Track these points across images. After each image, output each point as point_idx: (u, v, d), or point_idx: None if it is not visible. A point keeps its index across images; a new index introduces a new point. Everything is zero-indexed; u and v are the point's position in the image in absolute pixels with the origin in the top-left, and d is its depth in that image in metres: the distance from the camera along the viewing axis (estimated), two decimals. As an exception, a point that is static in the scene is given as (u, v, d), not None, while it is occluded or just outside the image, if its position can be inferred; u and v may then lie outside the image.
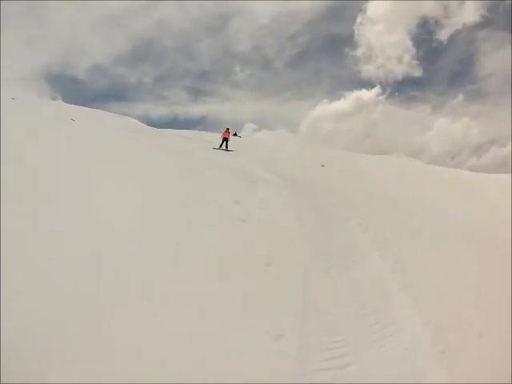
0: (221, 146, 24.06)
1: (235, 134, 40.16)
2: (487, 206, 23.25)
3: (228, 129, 25.53)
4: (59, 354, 3.38)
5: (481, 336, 5.37)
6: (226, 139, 24.67)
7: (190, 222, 7.11)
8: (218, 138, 27.36)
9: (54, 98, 55.46)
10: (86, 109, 29.68)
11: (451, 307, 6.10)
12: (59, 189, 7.16)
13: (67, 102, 32.18)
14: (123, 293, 4.52)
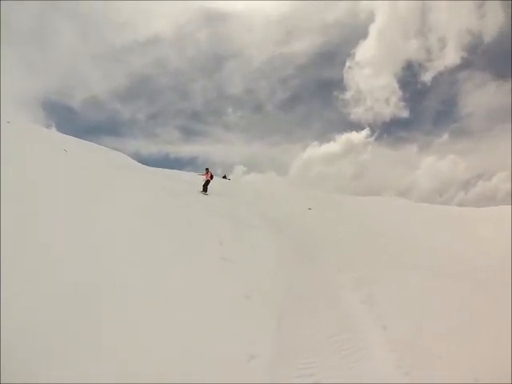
0: (203, 189, 21.80)
1: (224, 177, 40.12)
2: (471, 239, 23.83)
3: (207, 169, 22.98)
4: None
5: (440, 357, 5.73)
6: (207, 181, 22.27)
7: (176, 258, 7.46)
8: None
9: (47, 126, 55.41)
10: (79, 140, 29.74)
11: (418, 336, 6.41)
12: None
13: (60, 131, 32.36)
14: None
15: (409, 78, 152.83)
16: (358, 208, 31.04)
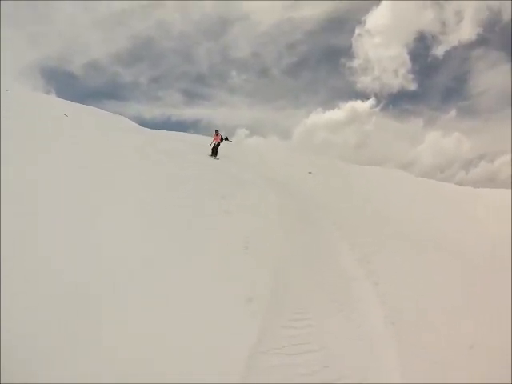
0: (213, 153, 20.50)
1: (226, 139, 39.35)
2: (464, 218, 24.26)
3: (217, 131, 21.66)
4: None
5: (425, 311, 6.25)
6: (216, 144, 21.04)
7: (183, 214, 7.73)
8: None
9: (47, 92, 53.99)
10: (79, 105, 29.20)
11: (407, 293, 6.84)
12: (58, 191, 7.08)
13: (60, 97, 31.45)
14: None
15: (420, 50, 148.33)
16: (360, 177, 31.13)
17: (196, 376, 3.62)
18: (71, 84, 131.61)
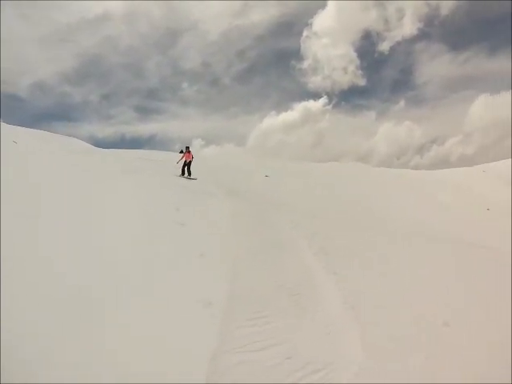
0: (183, 172, 18.71)
1: (181, 152, 38.99)
2: (425, 202, 25.28)
3: (188, 148, 19.67)
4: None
5: (384, 294, 6.57)
6: (185, 162, 19.07)
7: (134, 229, 7.54)
8: (168, 157, 25.74)
9: None
10: (28, 129, 27.92)
11: (365, 279, 7.20)
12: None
13: (7, 122, 29.74)
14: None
15: (367, 47, 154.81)
16: (317, 174, 31.81)
17: (160, 377, 3.63)
18: (18, 107, 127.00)
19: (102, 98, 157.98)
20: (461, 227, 19.56)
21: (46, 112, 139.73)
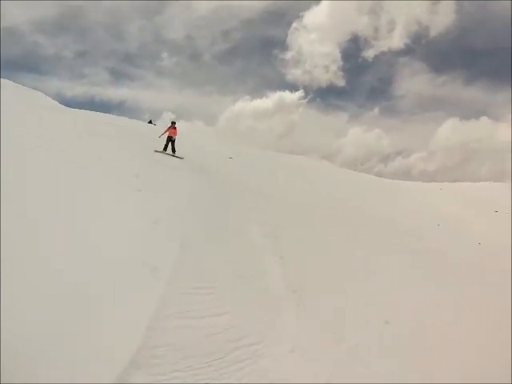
0: (165, 148, 17.06)
1: (150, 122, 38.18)
2: (386, 202, 26.08)
3: (174, 123, 17.94)
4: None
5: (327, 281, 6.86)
6: (170, 139, 17.36)
7: (102, 193, 7.61)
8: (135, 125, 25.27)
9: None
10: None
11: (310, 267, 7.40)
12: None
13: None
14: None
15: (352, 50, 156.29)
16: (282, 164, 32.13)
17: (99, 333, 3.70)
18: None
19: (77, 54, 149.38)
20: (412, 237, 20.42)
21: (13, 60, 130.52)
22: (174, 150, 17.34)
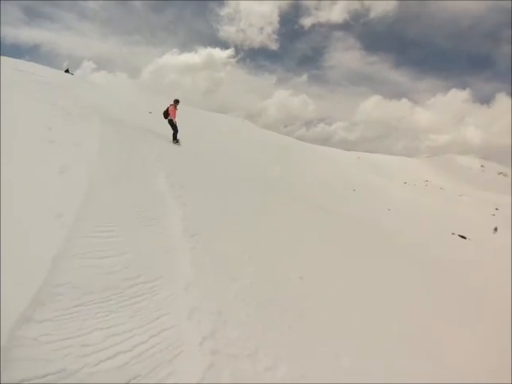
0: (175, 137, 15.81)
1: (67, 71, 35.35)
2: (290, 164, 27.22)
3: (177, 102, 15.98)
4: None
5: (224, 230, 7.51)
6: (172, 122, 15.81)
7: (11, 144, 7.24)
8: (49, 73, 23.29)
9: None
10: None
11: (210, 216, 8.01)
12: None
13: None
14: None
15: (291, 16, 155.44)
16: (202, 120, 32.09)
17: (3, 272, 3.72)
18: None
19: None
20: (328, 199, 21.84)
21: None
22: (175, 137, 15.91)
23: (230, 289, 5.30)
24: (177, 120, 16.05)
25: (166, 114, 15.96)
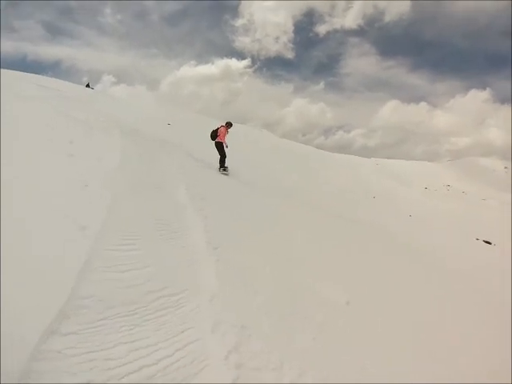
0: (222, 164, 14.18)
1: (87, 85, 35.86)
2: (309, 173, 27.06)
3: (230, 125, 14.81)
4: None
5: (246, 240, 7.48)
6: (221, 146, 14.29)
7: (33, 158, 7.40)
8: (71, 88, 24.21)
9: None
10: None
11: (232, 228, 7.95)
12: None
13: None
14: None
15: (305, 24, 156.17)
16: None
17: (30, 285, 3.75)
18: None
19: (8, 3, 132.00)
20: (347, 207, 21.64)
21: None
22: (223, 163, 14.05)
23: (253, 301, 5.17)
24: (227, 143, 14.37)
25: (215, 135, 14.22)
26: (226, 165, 14.12)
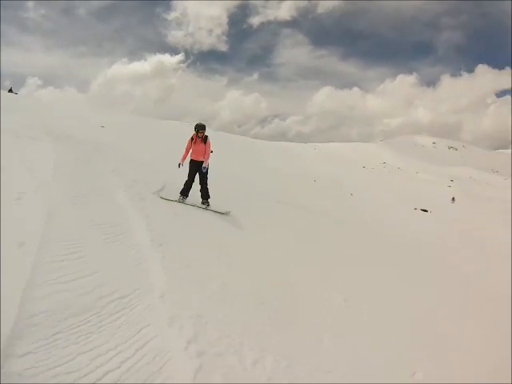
0: (185, 193, 9.70)
1: (10, 90, 33.97)
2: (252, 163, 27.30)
3: (202, 127, 9.56)
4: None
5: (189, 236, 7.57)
6: (196, 165, 9.60)
7: None
8: None
9: None
10: None
11: (174, 224, 8.02)
12: None
13: None
14: None
15: (239, 16, 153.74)
16: (153, 129, 31.74)
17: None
18: None
19: None
20: (290, 192, 22.06)
21: None
22: (204, 195, 9.67)
23: (203, 291, 5.31)
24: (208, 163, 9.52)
25: (197, 151, 9.63)
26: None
